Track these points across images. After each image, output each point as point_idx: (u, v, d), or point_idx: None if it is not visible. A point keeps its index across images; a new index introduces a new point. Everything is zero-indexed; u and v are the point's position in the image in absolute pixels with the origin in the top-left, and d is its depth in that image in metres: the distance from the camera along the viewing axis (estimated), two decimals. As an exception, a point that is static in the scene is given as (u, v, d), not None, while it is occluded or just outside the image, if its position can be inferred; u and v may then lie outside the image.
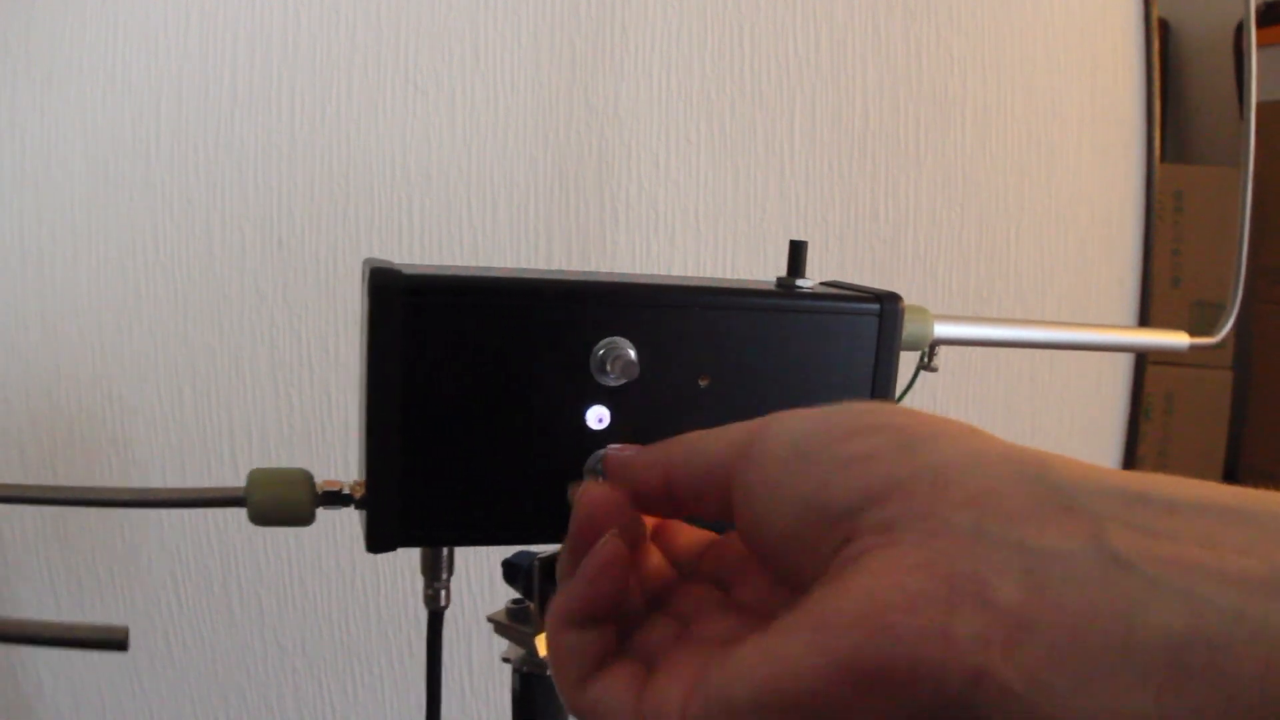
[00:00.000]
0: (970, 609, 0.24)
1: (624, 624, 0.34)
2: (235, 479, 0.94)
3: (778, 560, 0.31)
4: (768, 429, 0.31)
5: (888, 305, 0.47)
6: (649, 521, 0.37)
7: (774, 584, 0.33)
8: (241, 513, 0.43)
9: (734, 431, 0.33)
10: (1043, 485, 0.26)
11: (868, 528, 0.27)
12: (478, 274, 0.43)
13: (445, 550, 0.48)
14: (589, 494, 0.34)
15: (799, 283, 0.47)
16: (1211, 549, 0.23)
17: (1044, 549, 0.24)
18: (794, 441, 0.30)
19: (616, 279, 0.44)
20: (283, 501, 0.43)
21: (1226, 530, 0.23)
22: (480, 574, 0.99)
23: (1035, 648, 0.23)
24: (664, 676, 0.30)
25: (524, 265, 0.97)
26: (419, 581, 0.49)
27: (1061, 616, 0.23)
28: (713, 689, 0.28)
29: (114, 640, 0.37)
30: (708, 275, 0.91)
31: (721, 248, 1.04)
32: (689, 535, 0.38)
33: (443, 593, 0.49)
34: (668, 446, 0.34)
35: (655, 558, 0.36)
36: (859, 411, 0.31)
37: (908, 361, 0.53)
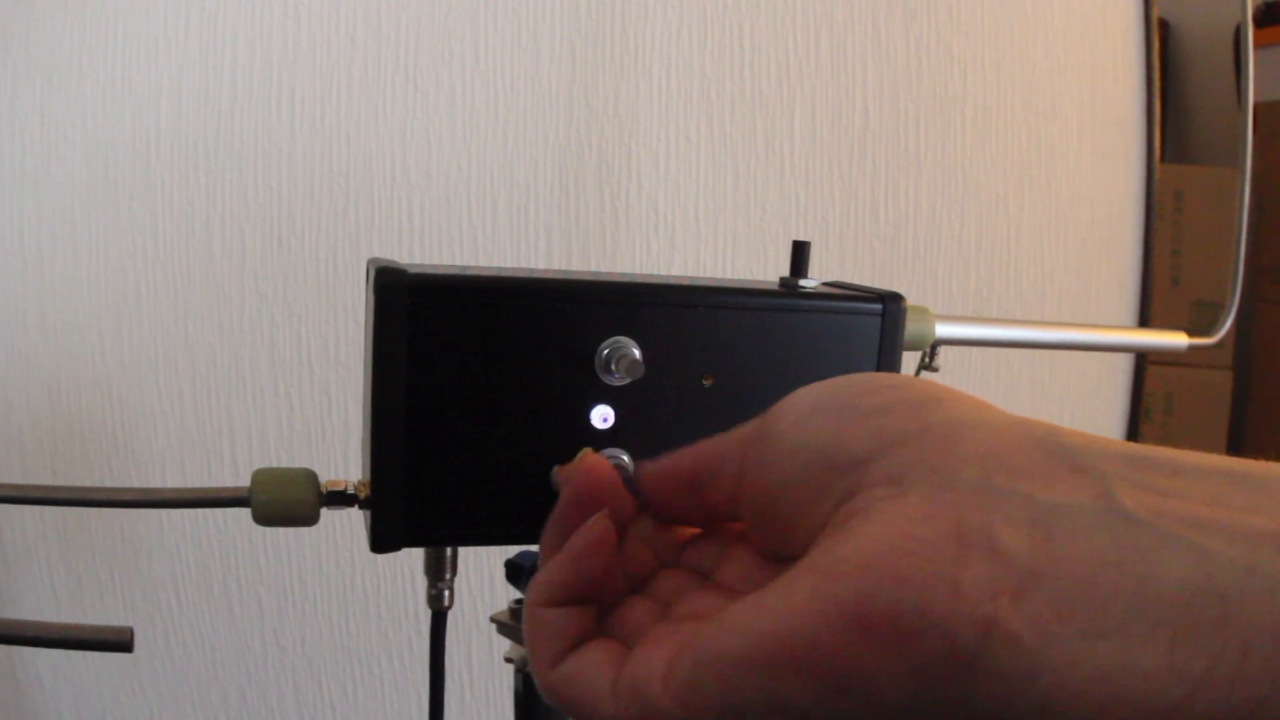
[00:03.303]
0: (979, 559, 0.24)
1: (604, 606, 0.33)
2: (235, 479, 0.94)
3: (774, 518, 0.31)
4: (791, 395, 0.32)
5: (890, 305, 0.48)
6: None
7: (760, 564, 0.33)
8: (242, 512, 0.43)
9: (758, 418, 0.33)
10: (1051, 446, 0.26)
11: (876, 478, 0.27)
12: (483, 274, 0.43)
13: (449, 550, 0.48)
14: (581, 471, 0.34)
15: (802, 283, 0.48)
16: (1219, 507, 0.23)
17: (1052, 503, 0.24)
18: (816, 399, 0.31)
19: (621, 279, 0.44)
20: (287, 501, 0.43)
21: (1233, 491, 0.24)
22: (479, 574, 0.99)
23: (1044, 598, 0.23)
24: (645, 649, 0.30)
25: (524, 265, 0.97)
26: (419, 581, 0.49)
27: (1070, 568, 0.23)
28: (702, 646, 0.27)
29: (119, 641, 0.37)
30: (708, 275, 0.91)
31: (721, 248, 1.04)
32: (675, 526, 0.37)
33: (446, 593, 0.49)
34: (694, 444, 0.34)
35: (639, 543, 0.36)
36: (879, 375, 0.32)
37: (909, 362, 0.53)
